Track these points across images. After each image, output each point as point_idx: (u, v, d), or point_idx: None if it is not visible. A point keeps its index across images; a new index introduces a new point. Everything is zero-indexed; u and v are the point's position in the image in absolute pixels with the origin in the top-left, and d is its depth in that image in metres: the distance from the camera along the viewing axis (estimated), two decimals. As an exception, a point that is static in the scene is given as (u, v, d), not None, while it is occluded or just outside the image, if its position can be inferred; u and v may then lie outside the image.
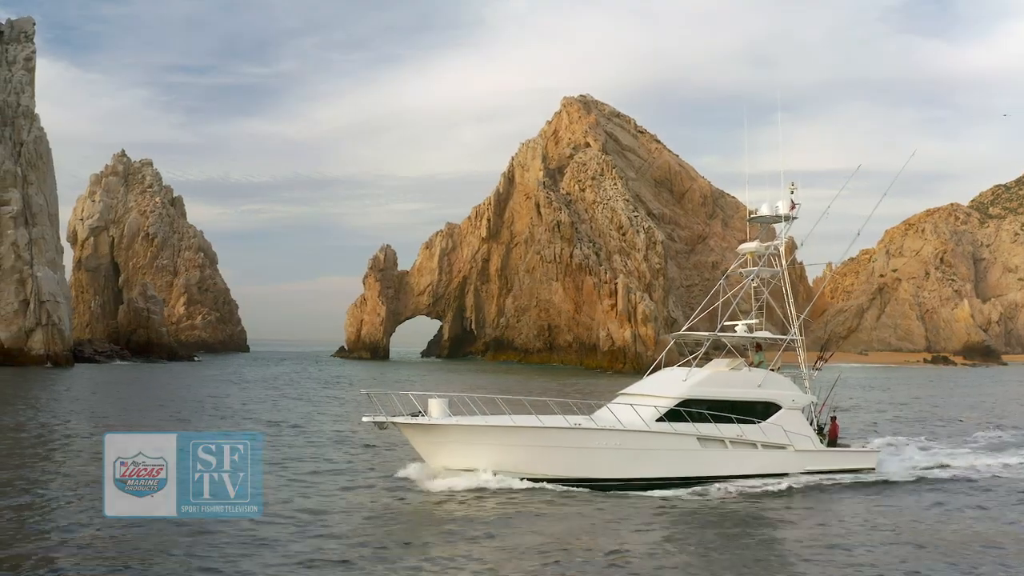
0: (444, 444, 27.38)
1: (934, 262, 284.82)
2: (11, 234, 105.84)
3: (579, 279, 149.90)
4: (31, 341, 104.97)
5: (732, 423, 29.36)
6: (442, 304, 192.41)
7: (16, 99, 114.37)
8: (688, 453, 28.76)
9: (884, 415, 58.38)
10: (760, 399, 30.26)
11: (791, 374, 32.30)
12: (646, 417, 28.39)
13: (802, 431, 30.69)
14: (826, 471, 30.68)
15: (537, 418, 27.65)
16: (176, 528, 20.41)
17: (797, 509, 26.08)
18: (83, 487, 25.56)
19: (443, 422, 27.24)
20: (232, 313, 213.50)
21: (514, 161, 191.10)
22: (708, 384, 29.98)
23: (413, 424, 27.28)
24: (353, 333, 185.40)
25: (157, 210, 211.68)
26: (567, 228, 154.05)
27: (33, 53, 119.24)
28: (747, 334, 32.85)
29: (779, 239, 34.31)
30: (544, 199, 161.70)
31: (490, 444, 27.23)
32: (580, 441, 27.65)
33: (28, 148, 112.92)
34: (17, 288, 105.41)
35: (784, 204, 34.17)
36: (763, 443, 29.83)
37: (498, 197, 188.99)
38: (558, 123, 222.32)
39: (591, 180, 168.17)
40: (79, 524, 21.30)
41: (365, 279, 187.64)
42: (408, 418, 27.36)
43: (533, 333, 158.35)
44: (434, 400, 27.80)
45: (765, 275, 34.39)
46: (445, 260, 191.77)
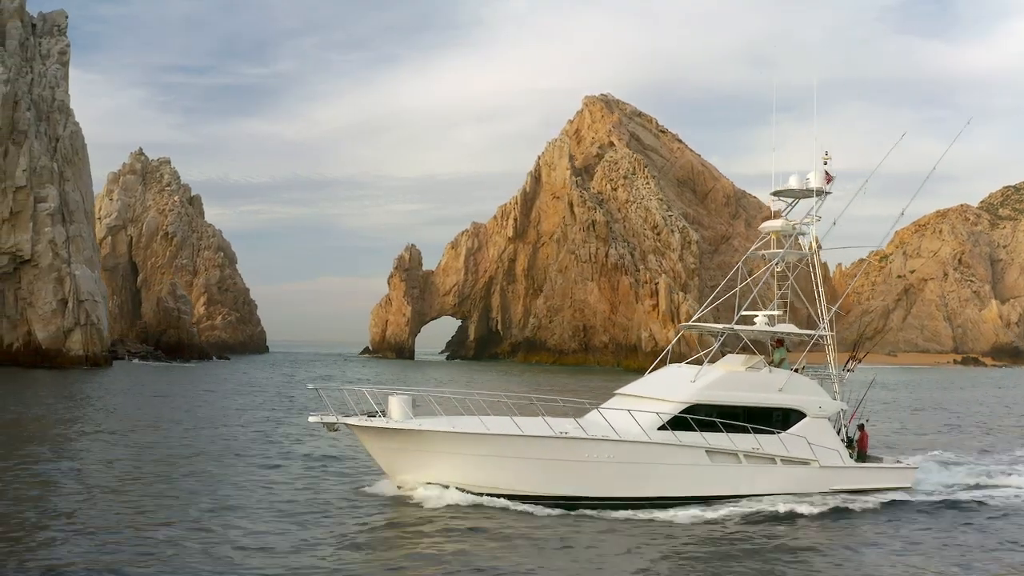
0: (404, 452, 23.40)
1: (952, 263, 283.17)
2: (48, 231, 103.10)
3: (615, 279, 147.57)
4: (69, 341, 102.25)
5: (747, 433, 25.13)
6: (468, 304, 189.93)
7: (51, 94, 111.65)
8: (694, 468, 24.54)
9: (918, 420, 53.30)
10: (781, 405, 25.96)
11: (818, 376, 28.13)
12: (645, 424, 24.22)
13: (829, 443, 26.28)
14: (856, 490, 26.28)
15: (515, 423, 23.58)
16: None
17: (822, 537, 22.05)
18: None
19: (403, 426, 23.07)
20: (251, 313, 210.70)
21: (540, 160, 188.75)
22: (720, 386, 25.66)
23: (368, 427, 23.25)
24: (378, 333, 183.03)
25: (176, 209, 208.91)
26: (602, 227, 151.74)
27: (67, 47, 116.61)
28: (768, 328, 27.92)
29: (810, 217, 29.35)
30: (578, 198, 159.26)
31: (457, 454, 23.23)
32: (565, 452, 23.52)
33: (64, 143, 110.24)
34: (55, 287, 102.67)
35: (816, 176, 29.08)
36: (783, 457, 25.55)
37: (524, 196, 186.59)
38: (580, 122, 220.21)
39: (623, 179, 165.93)
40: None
41: (390, 279, 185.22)
42: (363, 419, 23.34)
43: (568, 334, 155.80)
44: (396, 398, 23.67)
45: (791, 259, 29.40)
46: (471, 260, 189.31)
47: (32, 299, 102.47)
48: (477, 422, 23.79)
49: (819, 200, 29.27)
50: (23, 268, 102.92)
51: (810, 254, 29.40)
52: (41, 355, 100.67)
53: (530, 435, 23.32)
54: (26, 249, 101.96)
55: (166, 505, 23.08)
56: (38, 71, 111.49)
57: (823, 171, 29.24)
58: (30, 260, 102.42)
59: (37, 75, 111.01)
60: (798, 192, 29.57)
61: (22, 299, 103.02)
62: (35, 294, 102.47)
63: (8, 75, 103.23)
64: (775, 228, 29.63)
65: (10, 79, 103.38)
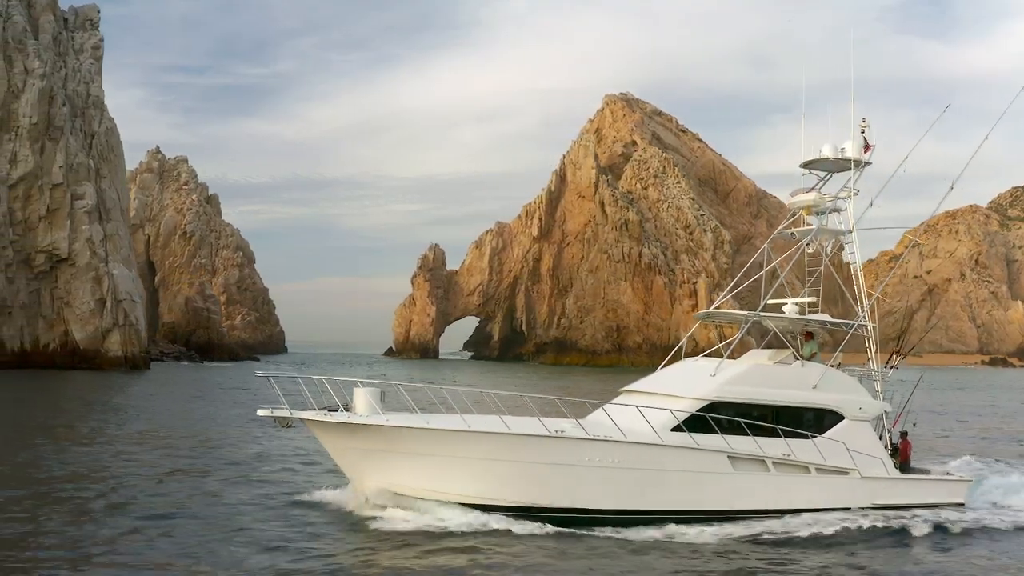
0: (369, 454, 19.99)
1: (969, 264, 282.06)
2: (85, 230, 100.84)
3: (648, 279, 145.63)
4: (108, 342, 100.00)
5: (777, 437, 21.72)
6: (492, 304, 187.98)
7: (86, 88, 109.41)
8: (714, 477, 21.07)
9: (959, 422, 49.61)
10: (816, 405, 22.56)
11: (856, 373, 24.64)
12: (657, 424, 20.82)
13: (871, 451, 22.91)
14: (901, 506, 22.78)
15: (503, 421, 20.17)
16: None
17: (869, 562, 18.64)
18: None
19: (368, 421, 19.78)
20: (271, 313, 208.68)
21: (565, 159, 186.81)
22: (745, 381, 22.20)
23: (326, 422, 19.91)
24: (401, 334, 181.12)
25: (194, 208, 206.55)
26: (635, 227, 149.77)
27: (100, 41, 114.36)
28: (798, 316, 24.37)
29: (847, 190, 25.71)
30: (609, 197, 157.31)
31: (432, 456, 19.74)
32: (561, 455, 19.95)
33: (99, 140, 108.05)
34: (93, 286, 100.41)
35: (853, 145, 25.49)
36: (818, 466, 22.15)
37: (550, 195, 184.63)
38: (601, 121, 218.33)
39: (653, 178, 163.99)
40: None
41: (414, 279, 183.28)
42: (320, 414, 20.01)
43: (601, 334, 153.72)
44: (362, 389, 20.38)
45: (825, 239, 25.75)
46: (495, 260, 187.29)
47: (69, 299, 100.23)
48: (457, 419, 20.30)
49: (857, 172, 25.74)
50: (60, 267, 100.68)
51: (846, 232, 25.66)
52: (78, 356, 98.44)
53: (520, 434, 19.76)
54: (63, 248, 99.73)
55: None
56: (72, 66, 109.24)
57: (862, 139, 25.77)
58: (67, 259, 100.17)
59: (71, 70, 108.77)
60: (832, 163, 25.77)
61: (59, 299, 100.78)
62: (72, 294, 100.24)
63: (44, 69, 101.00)
64: (806, 202, 25.63)
65: (46, 74, 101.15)
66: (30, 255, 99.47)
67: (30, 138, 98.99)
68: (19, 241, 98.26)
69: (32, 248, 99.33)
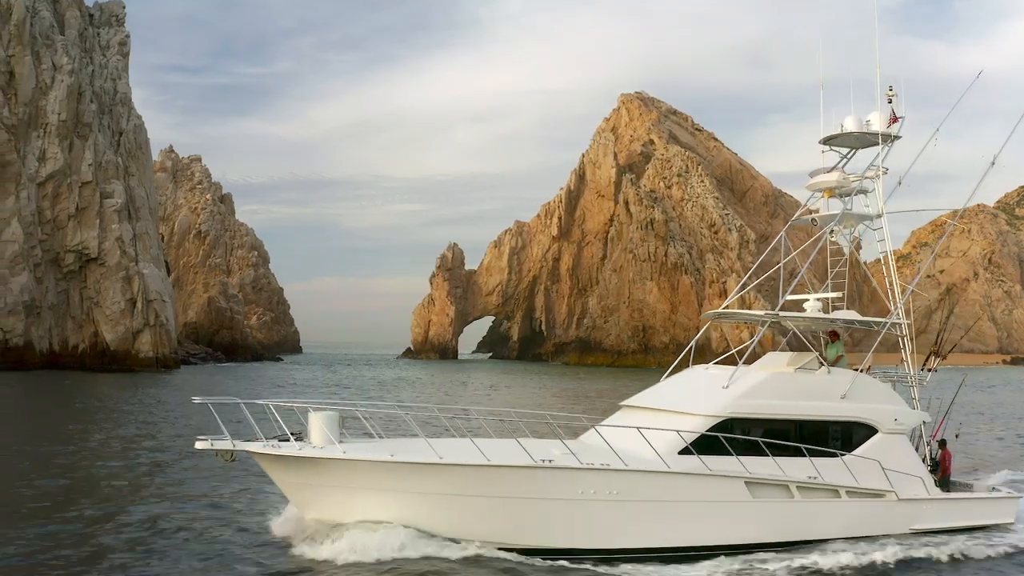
0: (325, 491, 17.08)
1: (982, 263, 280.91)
2: (115, 228, 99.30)
3: (675, 278, 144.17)
4: (138, 343, 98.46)
5: (801, 456, 18.93)
6: (511, 304, 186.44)
7: (113, 86, 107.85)
8: (730, 507, 18.26)
9: (986, 422, 45.92)
10: (845, 417, 19.72)
11: (890, 378, 21.64)
12: (662, 447, 18.01)
13: (909, 468, 20.09)
14: (944, 530, 20.13)
15: (477, 447, 17.28)
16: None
17: None
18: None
19: (322, 454, 16.75)
20: (285, 313, 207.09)
21: (584, 158, 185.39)
22: (763, 393, 19.22)
23: (274, 455, 16.88)
24: (420, 334, 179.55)
25: (208, 207, 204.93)
26: (660, 226, 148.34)
27: (127, 37, 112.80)
28: (823, 315, 21.27)
29: (874, 168, 22.54)
30: (633, 196, 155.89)
31: (398, 492, 16.93)
32: (549, 488, 17.12)
33: (128, 137, 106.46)
34: (123, 286, 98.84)
35: (879, 117, 22.37)
36: (849, 489, 19.26)
37: (569, 195, 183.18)
38: (617, 120, 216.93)
39: (677, 177, 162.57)
40: None
41: (432, 279, 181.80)
42: (268, 445, 16.91)
43: (626, 335, 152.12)
44: (318, 415, 17.24)
45: (850, 225, 22.64)
46: (514, 259, 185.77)
47: (99, 299, 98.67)
48: (425, 447, 17.31)
49: (885, 147, 22.48)
50: (89, 266, 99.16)
51: (874, 216, 22.49)
52: (108, 357, 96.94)
53: (499, 465, 16.88)
54: (92, 247, 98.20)
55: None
56: (98, 62, 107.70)
57: (890, 110, 22.52)
58: (96, 258, 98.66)
59: (98, 67, 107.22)
60: (856, 138, 22.59)
61: (88, 299, 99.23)
62: (102, 294, 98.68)
63: (72, 65, 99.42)
64: (828, 183, 22.31)
65: (75, 70, 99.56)
66: (59, 254, 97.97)
67: (59, 135, 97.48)
68: (48, 240, 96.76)
69: (61, 247, 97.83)
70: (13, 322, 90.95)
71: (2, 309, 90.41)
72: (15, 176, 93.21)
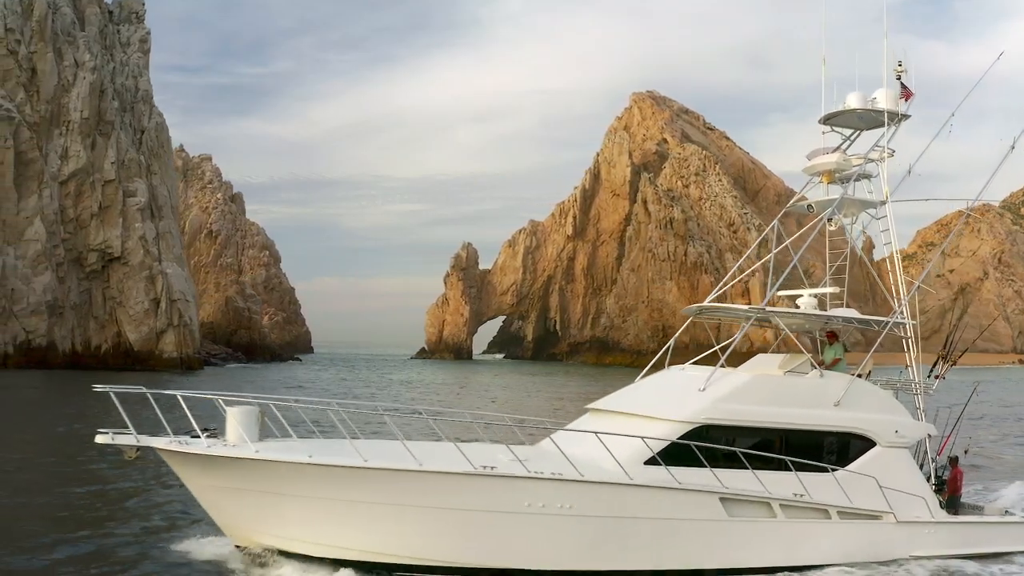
0: (241, 495, 15.01)
1: (992, 262, 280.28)
2: (139, 227, 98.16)
3: (695, 278, 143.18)
4: (162, 343, 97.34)
5: (786, 471, 16.73)
6: (526, 304, 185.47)
7: (134, 83, 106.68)
8: (702, 527, 16.07)
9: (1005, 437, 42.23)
10: (839, 428, 17.52)
11: (892, 384, 19.32)
12: (625, 456, 15.67)
13: (910, 486, 17.89)
14: (951, 556, 17.95)
15: (409, 449, 14.96)
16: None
17: None
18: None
19: (236, 453, 14.68)
20: (297, 313, 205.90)
21: (599, 157, 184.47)
22: (744, 398, 16.98)
23: (183, 453, 14.78)
24: (434, 334, 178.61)
25: (219, 207, 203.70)
26: (680, 225, 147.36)
27: (148, 34, 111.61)
28: (818, 312, 19.14)
29: (879, 150, 20.31)
30: (652, 195, 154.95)
31: (320, 499, 14.84)
32: (491, 499, 14.99)
33: (149, 135, 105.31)
34: (147, 286, 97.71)
35: (887, 93, 20.23)
36: (841, 509, 17.11)
37: (584, 193, 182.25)
38: (629, 119, 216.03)
39: (694, 176, 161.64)
40: None
41: (447, 278, 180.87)
42: (176, 442, 14.83)
43: (646, 334, 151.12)
44: (236, 410, 15.28)
45: (853, 212, 20.54)
46: (529, 258, 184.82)
47: (122, 299, 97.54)
48: (351, 449, 15.08)
49: (893, 127, 20.26)
50: (112, 266, 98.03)
51: (878, 204, 20.34)
52: (132, 357, 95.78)
53: (434, 471, 14.68)
54: (116, 246, 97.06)
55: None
56: (119, 59, 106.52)
57: (898, 86, 20.34)
58: (119, 258, 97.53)
59: (119, 64, 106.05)
60: (860, 116, 20.40)
61: (111, 299, 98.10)
62: (125, 293, 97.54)
63: (95, 62, 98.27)
64: (827, 165, 20.13)
65: (97, 66, 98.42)
66: (81, 254, 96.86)
67: (81, 133, 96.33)
68: (70, 240, 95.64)
69: (84, 247, 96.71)
70: (36, 322, 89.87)
71: (25, 309, 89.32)
72: (37, 174, 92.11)
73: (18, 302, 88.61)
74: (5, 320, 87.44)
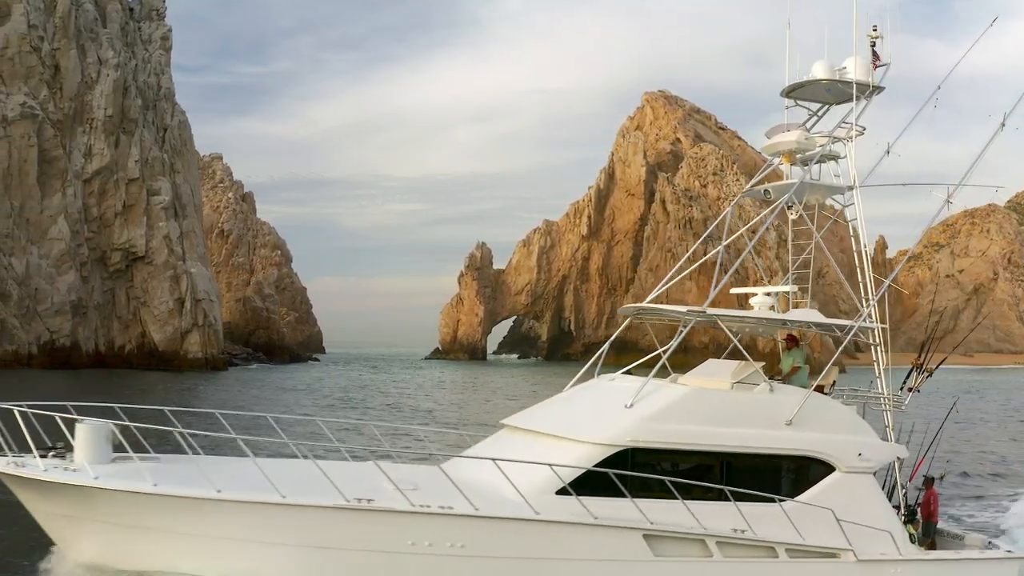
0: (83, 524, 13.02)
1: (1002, 262, 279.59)
2: (163, 227, 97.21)
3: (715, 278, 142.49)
4: (187, 343, 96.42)
5: (725, 501, 14.15)
6: (540, 304, 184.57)
7: (156, 81, 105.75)
8: (623, 569, 13.74)
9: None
10: (790, 450, 14.94)
11: (858, 399, 16.72)
12: (529, 486, 13.30)
13: (874, 519, 15.16)
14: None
15: (271, 481, 12.67)
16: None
17: None
18: None
19: (73, 479, 12.62)
20: (308, 313, 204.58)
21: (614, 156, 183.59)
22: (677, 416, 14.44)
23: (17, 477, 12.78)
24: (448, 334, 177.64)
25: (231, 206, 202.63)
26: (699, 225, 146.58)
27: (169, 32, 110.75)
28: (773, 315, 16.75)
29: (846, 127, 17.60)
30: (670, 195, 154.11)
31: (171, 533, 12.85)
32: (368, 536, 12.93)
33: (172, 134, 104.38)
34: (171, 285, 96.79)
35: (858, 62, 17.47)
36: (790, 547, 14.48)
37: (598, 193, 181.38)
38: (641, 118, 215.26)
39: (712, 176, 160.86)
40: None
41: (461, 278, 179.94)
42: (10, 463, 12.80)
43: (665, 334, 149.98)
44: (86, 427, 13.01)
45: (814, 198, 17.85)
46: (543, 258, 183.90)
47: (146, 298, 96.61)
48: (228, 472, 13.25)
49: (863, 101, 17.50)
50: (136, 265, 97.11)
51: (845, 189, 17.67)
52: (156, 357, 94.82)
53: (296, 504, 12.67)
54: (140, 245, 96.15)
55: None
56: (141, 57, 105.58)
57: (870, 53, 17.65)
58: (143, 257, 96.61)
59: (140, 61, 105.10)
60: (828, 88, 17.69)
61: (135, 298, 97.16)
62: (149, 293, 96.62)
63: (118, 59, 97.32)
64: (787, 144, 17.49)
65: (120, 64, 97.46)
66: (105, 253, 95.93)
67: (105, 131, 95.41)
68: (94, 239, 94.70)
69: (108, 246, 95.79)
70: (60, 322, 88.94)
71: (49, 309, 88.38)
72: (61, 173, 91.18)
73: (42, 302, 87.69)
74: (29, 320, 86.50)
